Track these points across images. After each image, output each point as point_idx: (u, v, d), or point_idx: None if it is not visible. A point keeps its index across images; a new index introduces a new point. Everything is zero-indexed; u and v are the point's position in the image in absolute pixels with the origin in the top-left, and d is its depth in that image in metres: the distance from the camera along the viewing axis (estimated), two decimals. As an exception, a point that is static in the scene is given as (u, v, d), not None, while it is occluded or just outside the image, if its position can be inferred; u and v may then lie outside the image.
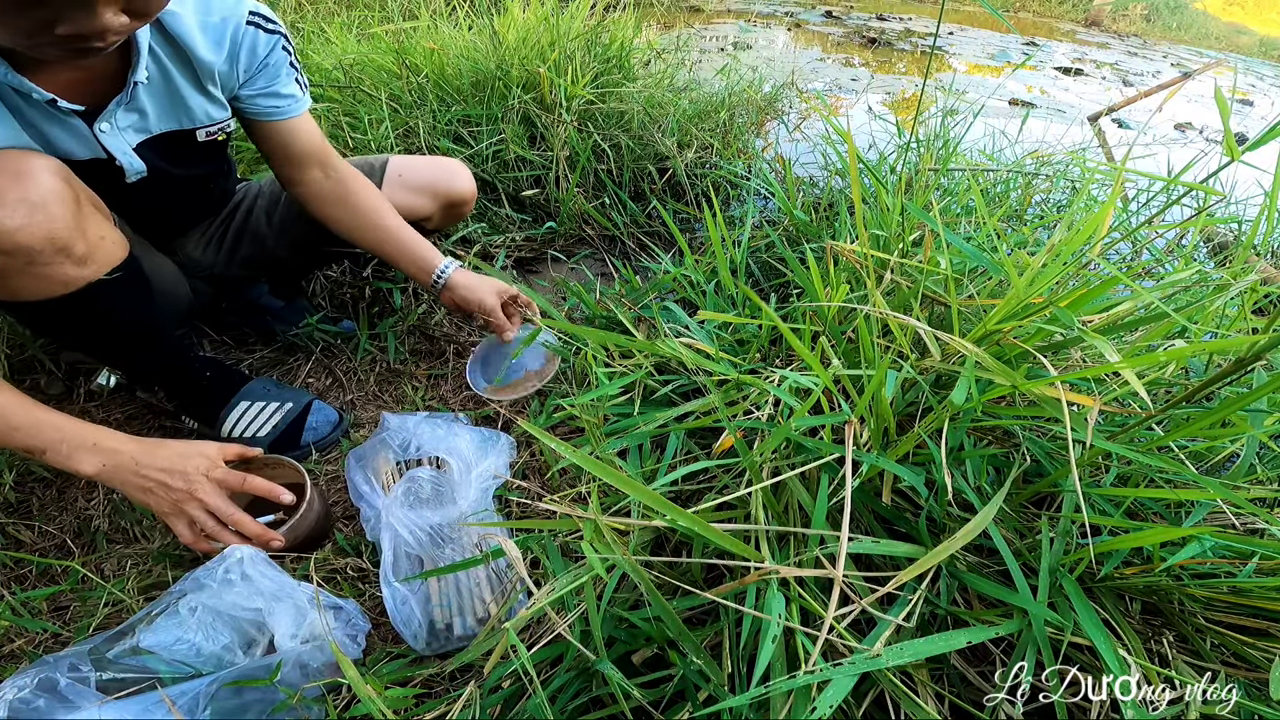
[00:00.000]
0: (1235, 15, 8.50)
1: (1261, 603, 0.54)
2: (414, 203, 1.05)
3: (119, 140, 0.75)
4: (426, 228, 1.10)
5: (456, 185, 1.08)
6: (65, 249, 0.67)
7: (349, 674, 0.52)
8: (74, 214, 0.68)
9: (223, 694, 0.57)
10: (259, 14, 0.80)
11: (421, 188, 1.06)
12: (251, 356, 1.13)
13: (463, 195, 1.09)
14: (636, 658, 0.60)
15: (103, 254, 0.73)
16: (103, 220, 0.74)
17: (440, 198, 1.07)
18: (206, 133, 0.83)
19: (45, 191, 0.65)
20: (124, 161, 0.76)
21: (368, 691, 0.52)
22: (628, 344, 0.74)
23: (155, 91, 0.76)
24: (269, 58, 0.82)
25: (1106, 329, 0.66)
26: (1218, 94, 0.59)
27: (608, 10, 1.79)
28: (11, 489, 0.88)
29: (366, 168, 1.03)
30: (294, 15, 2.31)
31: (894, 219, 0.96)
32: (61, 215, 0.66)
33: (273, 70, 0.83)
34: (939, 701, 0.55)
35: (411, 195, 1.05)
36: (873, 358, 0.70)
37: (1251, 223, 1.05)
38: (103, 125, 0.73)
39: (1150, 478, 0.66)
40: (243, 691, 0.58)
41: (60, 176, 0.67)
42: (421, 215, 1.07)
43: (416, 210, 1.06)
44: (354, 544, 0.83)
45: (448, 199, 1.08)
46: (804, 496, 0.64)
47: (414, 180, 1.06)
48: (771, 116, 2.08)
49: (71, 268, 0.69)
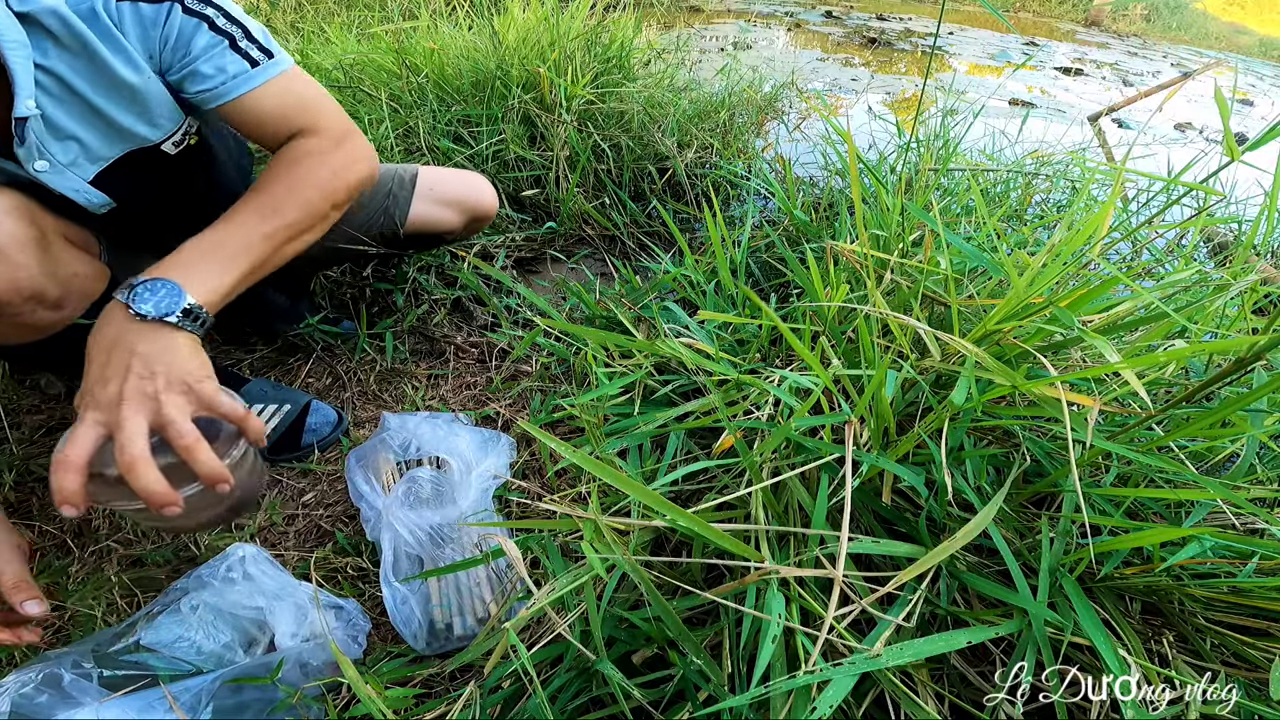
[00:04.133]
0: (1235, 15, 8.50)
1: (1261, 603, 0.54)
2: (441, 216, 1.06)
3: (66, 178, 0.65)
4: (447, 238, 1.12)
5: (483, 201, 1.09)
6: (36, 296, 0.62)
7: (349, 674, 0.52)
8: (40, 258, 0.62)
9: (223, 692, 0.57)
10: None
11: (450, 202, 1.06)
12: (251, 356, 1.13)
13: (487, 211, 1.10)
14: (636, 658, 0.60)
15: (78, 292, 0.68)
16: (75, 255, 0.68)
17: (467, 212, 1.08)
18: (174, 143, 0.72)
19: (4, 237, 0.59)
20: (80, 200, 0.67)
21: (367, 691, 0.52)
22: (628, 344, 0.74)
23: (77, 113, 0.63)
24: (166, 31, 0.63)
25: (1106, 329, 0.66)
26: (1218, 94, 0.59)
27: (608, 10, 1.79)
28: (11, 489, 0.88)
29: (396, 179, 1.02)
30: (294, 15, 2.32)
31: (894, 219, 0.96)
32: (26, 262, 0.60)
33: (180, 44, 0.65)
34: (939, 701, 0.55)
35: (440, 209, 1.06)
36: (873, 358, 0.70)
37: (1251, 223, 1.05)
38: (38, 164, 0.62)
39: (1150, 478, 0.66)
40: (243, 689, 0.59)
41: (19, 215, 0.60)
42: (446, 228, 1.08)
43: (443, 223, 1.07)
44: (354, 544, 0.83)
45: (473, 214, 1.09)
46: (804, 496, 0.64)
47: (444, 194, 1.06)
48: (771, 116, 2.08)
49: (46, 313, 0.65)
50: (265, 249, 0.64)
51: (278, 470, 0.95)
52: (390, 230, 1.03)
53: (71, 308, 0.68)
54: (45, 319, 0.66)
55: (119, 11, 0.61)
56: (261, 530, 0.86)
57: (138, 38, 0.63)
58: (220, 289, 0.59)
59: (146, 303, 0.54)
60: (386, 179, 1.02)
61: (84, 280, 0.69)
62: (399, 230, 1.03)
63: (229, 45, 0.66)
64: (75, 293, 0.68)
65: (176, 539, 0.82)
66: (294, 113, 0.71)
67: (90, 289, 0.70)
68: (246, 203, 0.65)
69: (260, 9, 2.38)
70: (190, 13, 0.64)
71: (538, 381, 1.09)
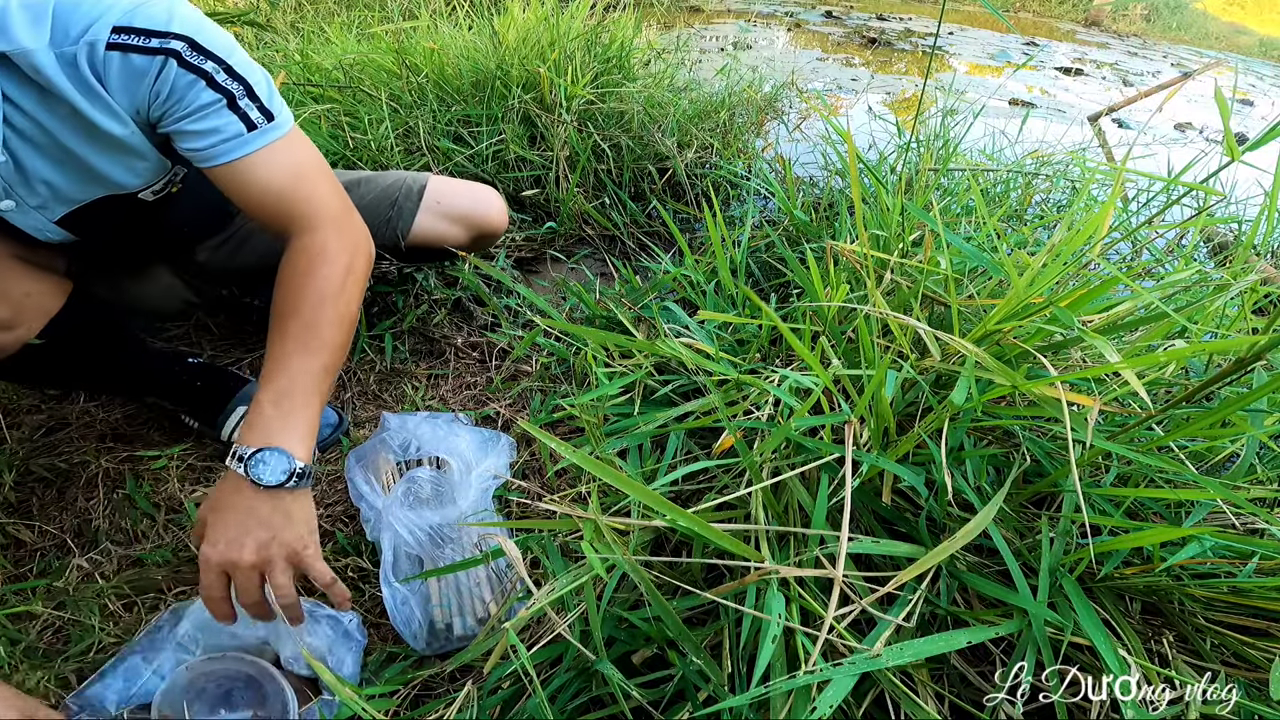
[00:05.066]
0: (1235, 15, 8.50)
1: (1261, 603, 0.54)
2: (446, 231, 1.02)
3: (30, 218, 0.64)
4: (451, 253, 1.07)
5: (491, 218, 1.05)
6: None
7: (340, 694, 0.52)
8: None
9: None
10: (128, 28, 0.56)
11: (457, 218, 1.02)
12: (251, 356, 1.13)
13: (495, 229, 1.06)
14: (636, 658, 0.60)
15: (31, 312, 0.67)
16: (26, 274, 0.67)
17: (474, 229, 1.04)
18: (153, 191, 0.69)
19: None
20: (40, 237, 0.66)
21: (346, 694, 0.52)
22: (628, 344, 0.74)
23: (51, 157, 0.60)
24: (158, 85, 0.59)
25: (1106, 329, 0.66)
26: (1218, 94, 0.59)
27: (608, 10, 1.79)
28: (11, 489, 0.88)
29: (404, 189, 0.99)
30: (294, 15, 2.32)
31: (894, 219, 0.96)
32: None
33: (172, 99, 0.60)
34: (939, 701, 0.55)
35: (445, 224, 1.02)
36: (873, 358, 0.70)
37: (1251, 223, 1.05)
38: (3, 204, 0.61)
39: (1150, 478, 0.66)
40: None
41: None
42: (452, 243, 1.04)
43: (448, 238, 1.03)
44: (354, 544, 0.83)
45: (480, 231, 1.05)
46: (804, 496, 0.64)
47: (451, 209, 1.02)
48: (771, 116, 2.08)
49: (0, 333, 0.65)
50: (326, 382, 0.65)
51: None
52: (391, 242, 1.00)
53: (23, 329, 0.67)
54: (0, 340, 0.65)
55: (105, 61, 0.56)
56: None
57: (122, 89, 0.58)
58: (309, 438, 0.63)
59: (264, 473, 0.59)
60: (394, 188, 0.99)
61: (38, 299, 0.69)
62: (400, 243, 1.00)
63: (226, 104, 0.62)
64: (29, 310, 0.68)
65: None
66: (289, 188, 0.68)
67: (45, 306, 0.69)
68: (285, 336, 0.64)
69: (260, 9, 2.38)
70: (187, 67, 0.59)
71: (538, 381, 1.09)
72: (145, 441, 0.97)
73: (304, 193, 0.68)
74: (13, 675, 0.67)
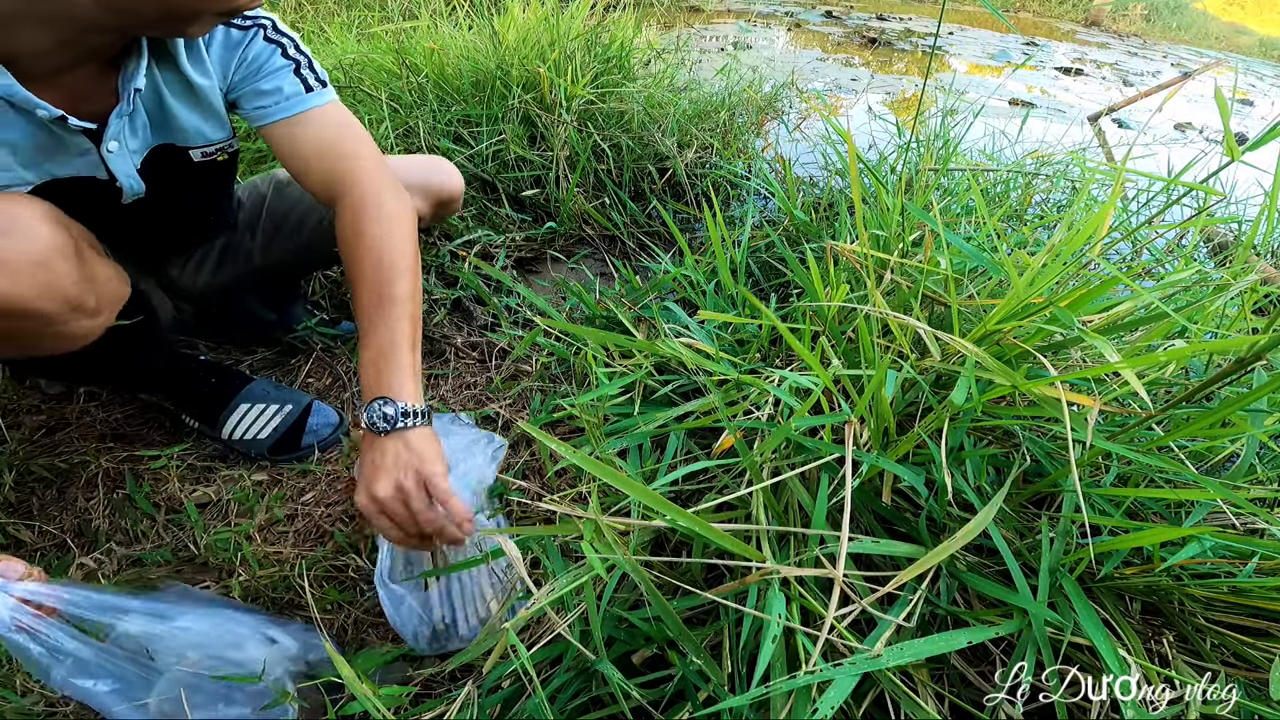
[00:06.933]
0: (1235, 15, 8.50)
1: (1261, 603, 0.54)
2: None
3: (125, 161, 0.70)
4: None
5: (448, 184, 1.05)
6: (79, 306, 0.64)
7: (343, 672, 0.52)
8: (78, 266, 0.63)
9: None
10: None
11: (415, 187, 1.01)
12: (251, 357, 1.13)
13: (453, 194, 1.06)
14: (636, 658, 0.60)
15: (110, 297, 0.69)
16: (102, 260, 0.70)
17: (432, 196, 1.04)
18: (203, 153, 0.78)
19: (46, 248, 0.59)
20: (125, 183, 0.71)
21: (363, 690, 0.52)
22: (628, 344, 0.74)
23: (146, 103, 0.70)
24: (245, 53, 0.74)
25: (1106, 329, 0.66)
26: (1218, 94, 0.59)
27: (608, 10, 1.79)
28: (11, 489, 0.88)
29: None
30: (294, 15, 2.32)
31: (894, 219, 0.96)
32: (68, 271, 0.61)
33: (253, 65, 0.75)
34: (939, 701, 0.55)
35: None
36: (873, 358, 0.70)
37: (1251, 223, 1.05)
38: (110, 145, 0.67)
39: (1150, 478, 0.66)
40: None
41: (55, 223, 0.61)
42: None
43: None
44: (354, 543, 0.83)
45: (439, 198, 1.05)
46: (804, 496, 0.64)
47: (408, 179, 1.00)
48: (771, 116, 2.08)
49: (85, 321, 0.66)
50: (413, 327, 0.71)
51: (278, 470, 0.95)
52: None
53: (106, 315, 0.68)
54: (84, 328, 0.66)
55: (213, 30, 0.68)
56: (261, 529, 0.86)
57: (219, 57, 0.73)
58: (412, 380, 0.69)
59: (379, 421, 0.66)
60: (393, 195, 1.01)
61: (114, 285, 0.70)
62: None
63: (293, 70, 0.76)
64: (109, 296, 0.69)
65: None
66: (336, 142, 0.78)
67: (119, 292, 0.71)
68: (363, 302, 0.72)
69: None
70: (269, 40, 0.75)
71: (538, 381, 1.09)
72: (145, 441, 0.97)
73: (349, 148, 0.78)
74: (14, 677, 0.67)
